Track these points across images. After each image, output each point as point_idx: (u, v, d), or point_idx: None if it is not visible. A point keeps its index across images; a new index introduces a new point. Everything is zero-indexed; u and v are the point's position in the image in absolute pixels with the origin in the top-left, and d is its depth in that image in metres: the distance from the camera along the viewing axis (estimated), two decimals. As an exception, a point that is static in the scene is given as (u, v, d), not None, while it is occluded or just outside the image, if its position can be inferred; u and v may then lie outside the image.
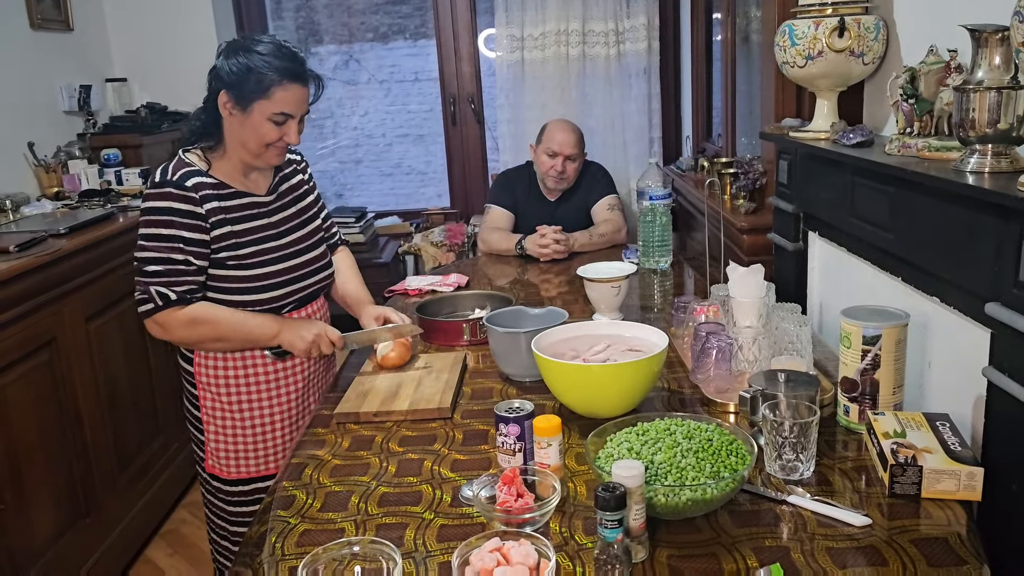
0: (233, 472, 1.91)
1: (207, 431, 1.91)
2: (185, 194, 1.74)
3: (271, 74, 1.71)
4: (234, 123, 1.76)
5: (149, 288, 1.75)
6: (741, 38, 3.04)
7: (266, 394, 1.89)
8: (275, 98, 1.72)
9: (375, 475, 1.42)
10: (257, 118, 1.73)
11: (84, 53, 3.66)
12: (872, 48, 1.84)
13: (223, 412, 1.88)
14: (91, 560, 2.44)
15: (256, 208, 1.86)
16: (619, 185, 3.38)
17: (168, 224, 1.75)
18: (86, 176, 3.27)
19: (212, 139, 1.82)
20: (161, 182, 1.75)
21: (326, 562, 1.08)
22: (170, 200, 1.74)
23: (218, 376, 1.87)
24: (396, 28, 4.59)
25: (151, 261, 1.76)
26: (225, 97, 1.73)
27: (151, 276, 1.75)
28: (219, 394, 1.88)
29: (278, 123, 1.75)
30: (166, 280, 1.75)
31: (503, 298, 2.25)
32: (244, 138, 1.77)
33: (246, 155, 1.80)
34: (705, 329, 1.69)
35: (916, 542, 1.13)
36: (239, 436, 1.89)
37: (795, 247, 2.11)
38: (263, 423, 1.90)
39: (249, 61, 1.71)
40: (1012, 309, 1.18)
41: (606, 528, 1.05)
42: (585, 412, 1.56)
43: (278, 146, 1.79)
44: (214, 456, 1.92)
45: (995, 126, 1.27)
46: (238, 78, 1.71)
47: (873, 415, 1.39)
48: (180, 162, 1.79)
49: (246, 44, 1.74)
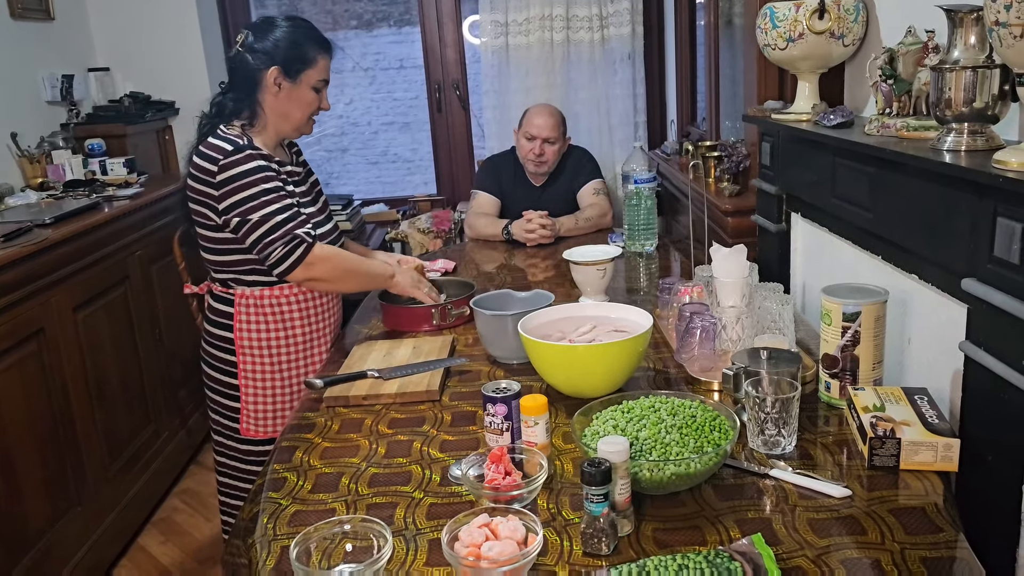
0: (270, 431, 2.01)
1: (245, 395, 2.01)
2: (263, 153, 1.88)
3: (313, 44, 1.92)
4: (282, 96, 1.91)
5: (295, 232, 1.85)
6: (724, 21, 3.05)
7: (302, 353, 2.02)
8: (319, 66, 1.93)
9: (365, 457, 1.44)
10: (304, 88, 1.92)
11: (66, 42, 3.63)
12: (852, 30, 1.85)
13: (263, 374, 2.00)
14: (83, 548, 2.45)
15: (294, 176, 2.01)
16: (604, 169, 3.39)
17: (266, 179, 1.86)
18: (70, 166, 3.26)
19: (246, 116, 1.93)
20: (236, 149, 1.85)
21: (317, 541, 1.10)
22: (256, 160, 1.86)
23: (260, 339, 1.98)
24: (380, 15, 4.57)
25: (275, 213, 1.85)
26: (276, 72, 1.88)
27: (285, 224, 1.85)
28: (259, 356, 1.99)
29: (318, 90, 1.95)
30: (299, 222, 1.88)
31: (463, 283, 2.28)
32: (289, 109, 1.93)
33: (287, 126, 1.96)
34: (689, 309, 1.72)
35: (894, 511, 1.16)
36: (278, 396, 2.01)
37: (778, 228, 2.14)
38: (299, 382, 2.00)
39: (293, 36, 1.89)
40: (987, 284, 1.21)
41: (592, 503, 1.08)
42: (571, 392, 1.58)
43: (315, 116, 1.99)
44: (251, 419, 2.01)
45: (971, 105, 1.29)
46: (289, 52, 1.88)
47: (853, 390, 1.42)
48: (230, 134, 1.89)
49: (275, 23, 1.91)
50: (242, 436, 2.03)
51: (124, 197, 2.99)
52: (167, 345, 3.09)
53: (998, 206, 1.17)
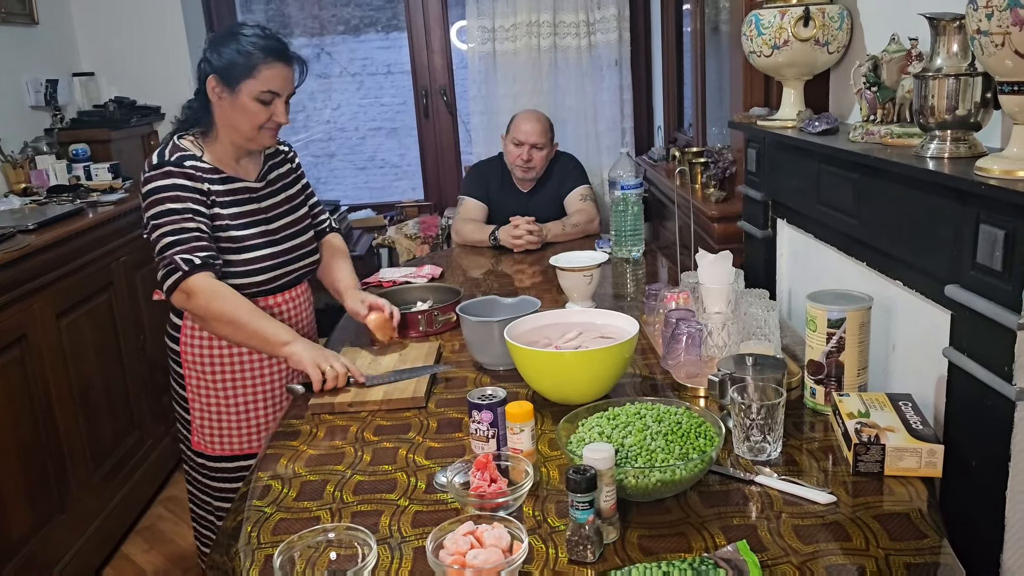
0: (218, 449, 1.95)
1: (192, 408, 1.94)
2: (186, 171, 1.80)
3: (256, 52, 1.78)
4: (224, 106, 1.82)
5: (174, 258, 1.76)
6: (711, 28, 3.06)
7: (250, 373, 1.92)
8: (261, 76, 1.79)
9: (350, 464, 1.43)
10: (245, 99, 1.79)
11: (50, 47, 3.61)
12: (837, 37, 1.87)
13: (207, 390, 1.92)
14: (67, 557, 2.43)
15: (247, 193, 1.91)
16: (591, 175, 3.40)
17: (175, 199, 1.78)
18: (54, 171, 3.23)
19: (203, 126, 1.87)
20: (160, 163, 1.80)
21: (301, 549, 1.09)
22: (173, 177, 1.79)
23: (203, 354, 1.90)
24: (367, 20, 4.57)
25: (167, 234, 1.78)
26: (214, 82, 1.80)
27: (171, 247, 1.77)
28: (204, 372, 1.91)
29: (265, 102, 1.80)
30: (187, 247, 1.77)
31: (450, 289, 2.26)
32: (235, 121, 1.83)
33: (239, 138, 1.86)
34: (675, 315, 1.72)
35: (879, 518, 1.17)
36: (223, 414, 1.93)
37: (764, 234, 2.14)
38: (247, 401, 1.93)
39: (235, 44, 1.78)
40: (970, 291, 1.21)
41: (577, 510, 1.08)
42: (557, 399, 1.58)
43: (269, 127, 1.85)
44: (199, 433, 1.95)
45: (953, 112, 1.30)
46: (225, 61, 1.78)
47: (838, 396, 1.42)
48: (175, 146, 1.84)
49: (231, 31, 1.82)
50: (195, 449, 1.98)
51: (108, 203, 2.97)
52: (151, 351, 3.07)
53: (981, 213, 1.18)
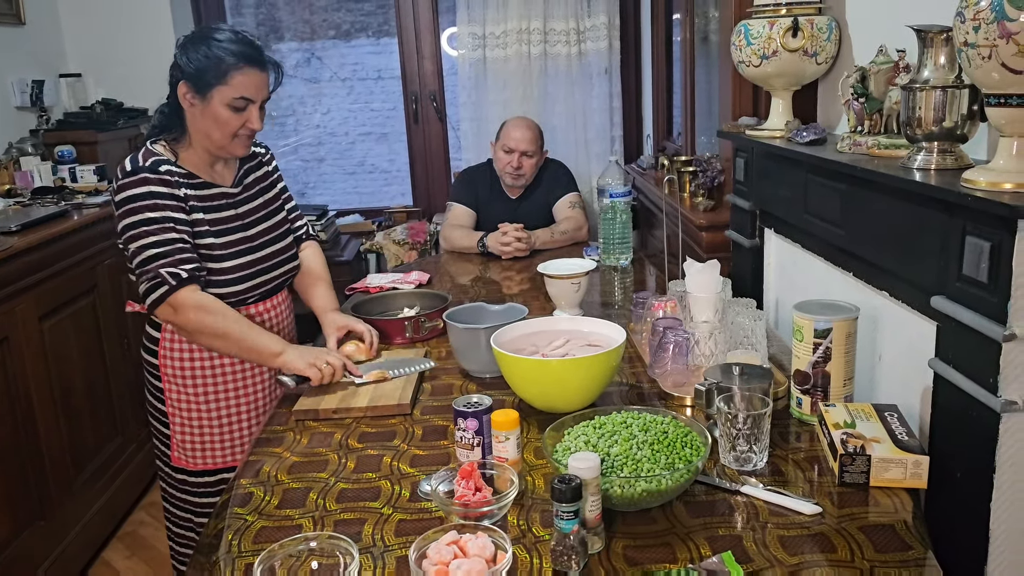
0: (199, 463, 1.91)
1: (173, 423, 1.90)
2: (161, 177, 1.74)
3: (228, 58, 1.71)
4: (196, 113, 1.76)
5: (159, 271, 1.70)
6: (700, 38, 3.07)
7: (232, 386, 1.89)
8: (233, 83, 1.72)
9: (334, 471, 1.42)
10: (216, 106, 1.73)
11: (36, 47, 3.58)
12: (825, 48, 1.87)
13: (188, 404, 1.88)
14: (47, 563, 2.40)
15: (224, 199, 1.85)
16: (580, 183, 3.40)
17: (153, 207, 1.72)
18: (39, 173, 3.20)
19: (176, 132, 1.81)
20: (134, 170, 1.73)
21: (282, 558, 1.08)
22: (149, 185, 1.73)
23: (183, 366, 1.86)
24: (358, 25, 4.56)
25: (149, 246, 1.71)
26: (184, 88, 1.73)
27: (155, 260, 1.71)
28: (184, 385, 1.87)
29: (238, 109, 1.75)
30: (172, 260, 1.72)
31: (437, 296, 2.25)
32: (207, 128, 1.76)
33: (211, 145, 1.80)
34: (662, 324, 1.71)
35: (864, 529, 1.16)
36: (205, 428, 1.89)
37: (752, 243, 2.14)
38: (229, 415, 1.90)
39: (207, 49, 1.71)
40: (956, 302, 1.21)
41: (562, 519, 1.07)
42: (544, 407, 1.57)
43: (242, 134, 1.79)
44: (180, 448, 1.91)
45: (940, 124, 1.30)
46: (196, 67, 1.71)
47: (824, 407, 1.42)
48: (148, 152, 1.78)
49: (203, 34, 1.75)
50: (175, 465, 1.93)
51: (94, 205, 2.94)
52: (135, 356, 3.03)
53: (967, 224, 1.18)
